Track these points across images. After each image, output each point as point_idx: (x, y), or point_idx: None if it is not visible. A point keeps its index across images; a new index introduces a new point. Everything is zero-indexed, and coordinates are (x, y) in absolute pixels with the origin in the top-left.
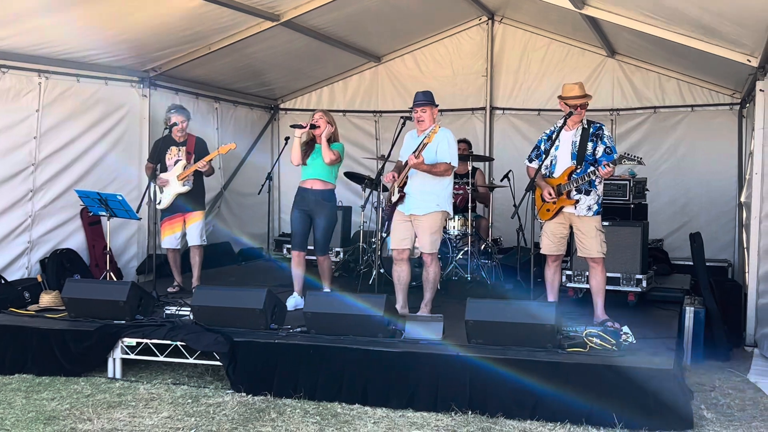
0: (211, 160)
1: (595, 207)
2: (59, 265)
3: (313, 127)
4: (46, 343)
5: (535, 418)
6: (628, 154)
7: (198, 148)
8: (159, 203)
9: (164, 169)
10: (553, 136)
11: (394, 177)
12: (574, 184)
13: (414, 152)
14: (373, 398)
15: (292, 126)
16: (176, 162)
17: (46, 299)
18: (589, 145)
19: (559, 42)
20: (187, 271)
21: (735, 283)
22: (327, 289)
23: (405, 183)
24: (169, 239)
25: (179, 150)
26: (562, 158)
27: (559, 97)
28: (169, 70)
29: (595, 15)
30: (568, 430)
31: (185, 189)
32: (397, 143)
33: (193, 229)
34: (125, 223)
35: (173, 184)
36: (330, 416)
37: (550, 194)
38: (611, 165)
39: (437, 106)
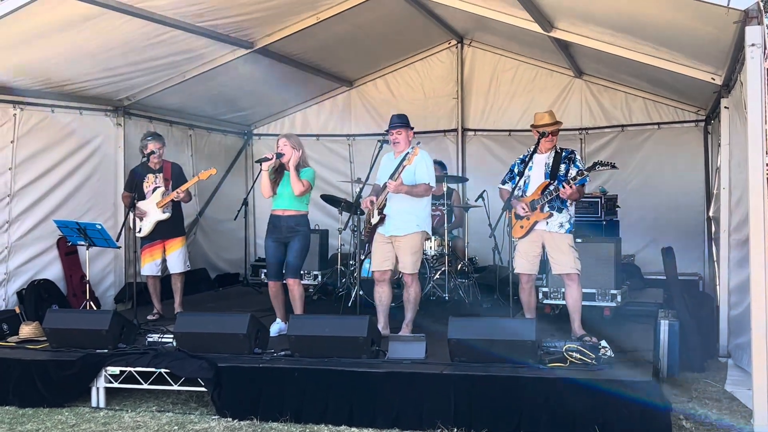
0: (189, 187)
1: (567, 225)
2: (37, 296)
3: (279, 156)
4: (28, 374)
5: None
6: (602, 161)
7: (175, 174)
8: (139, 231)
9: (142, 197)
10: (527, 159)
11: (372, 202)
12: (548, 197)
13: (391, 175)
14: (359, 419)
15: (257, 161)
16: (154, 189)
17: (26, 330)
18: (562, 166)
19: (528, 64)
20: (165, 299)
21: (707, 295)
22: None
23: (384, 205)
24: (149, 266)
25: (156, 177)
26: (536, 178)
27: (532, 126)
28: (143, 98)
29: (563, 38)
30: None
31: (165, 216)
32: (375, 166)
33: (175, 256)
34: (102, 252)
35: (153, 212)
36: None
37: (524, 209)
38: (572, 187)
39: (412, 129)
